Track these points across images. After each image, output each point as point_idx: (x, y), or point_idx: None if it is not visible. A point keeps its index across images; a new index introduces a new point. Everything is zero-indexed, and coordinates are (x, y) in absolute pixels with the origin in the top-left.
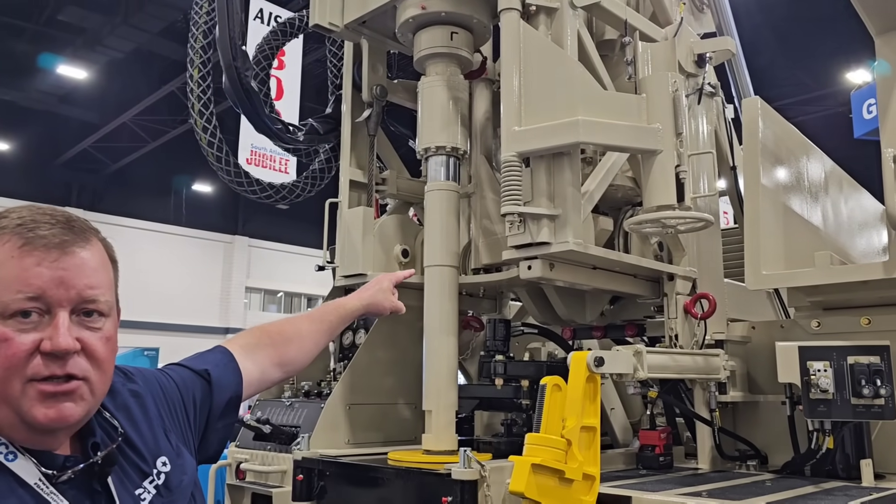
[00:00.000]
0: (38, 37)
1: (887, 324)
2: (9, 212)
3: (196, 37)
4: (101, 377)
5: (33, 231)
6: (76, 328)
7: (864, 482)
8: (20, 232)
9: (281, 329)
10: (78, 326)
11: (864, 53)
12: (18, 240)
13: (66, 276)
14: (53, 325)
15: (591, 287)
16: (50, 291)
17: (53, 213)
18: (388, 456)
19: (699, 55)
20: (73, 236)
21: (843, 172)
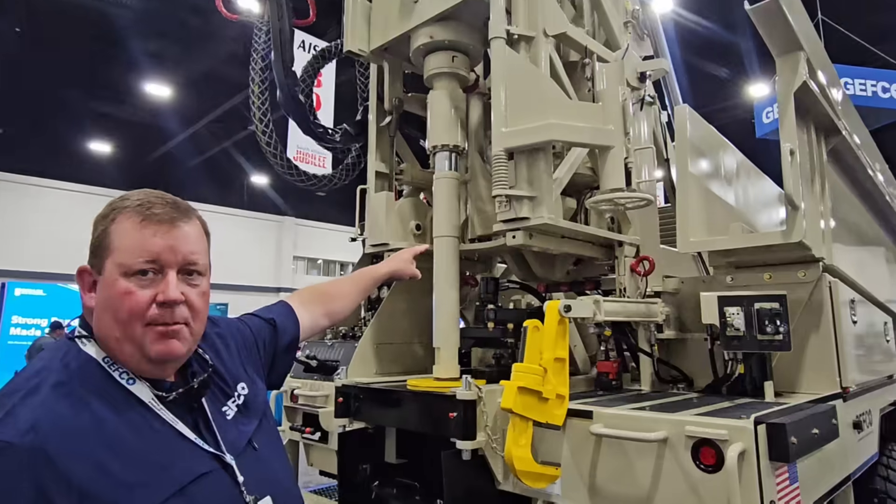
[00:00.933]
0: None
1: (784, 278)
2: (129, 195)
3: (256, 61)
4: (199, 323)
5: (150, 210)
6: (181, 284)
7: (766, 398)
8: (139, 210)
9: (328, 289)
10: (182, 283)
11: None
12: (138, 216)
13: (175, 244)
14: (165, 282)
15: (560, 251)
16: (163, 256)
17: (163, 196)
18: (406, 383)
19: (641, 73)
20: (180, 214)
21: (750, 163)
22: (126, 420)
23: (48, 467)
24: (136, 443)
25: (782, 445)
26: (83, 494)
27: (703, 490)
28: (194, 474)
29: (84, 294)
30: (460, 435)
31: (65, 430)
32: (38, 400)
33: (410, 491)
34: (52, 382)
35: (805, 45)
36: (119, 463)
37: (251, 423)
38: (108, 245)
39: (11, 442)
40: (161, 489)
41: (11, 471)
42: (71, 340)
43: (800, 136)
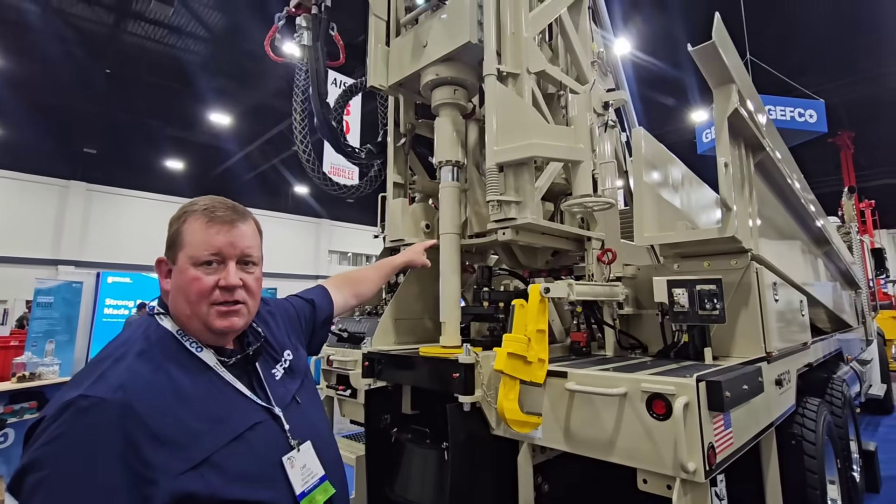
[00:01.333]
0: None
1: (720, 265)
2: (197, 200)
3: (297, 94)
4: (253, 302)
5: (213, 212)
6: (239, 272)
7: (706, 361)
8: (206, 213)
9: (356, 275)
10: (240, 271)
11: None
12: (205, 218)
13: (234, 240)
14: (226, 271)
15: (541, 245)
16: (224, 250)
17: (225, 201)
18: (419, 350)
19: (605, 102)
20: (238, 216)
21: (693, 174)
22: (195, 380)
23: (134, 418)
24: (203, 398)
25: (718, 398)
26: (161, 441)
27: (655, 434)
28: (250, 423)
29: (161, 279)
30: (462, 391)
31: (147, 388)
32: (125, 364)
33: (422, 436)
34: (136, 351)
35: (736, 79)
36: (190, 414)
37: (295, 382)
38: (181, 241)
39: (105, 398)
40: (223, 435)
41: (106, 421)
42: (150, 317)
43: (732, 151)
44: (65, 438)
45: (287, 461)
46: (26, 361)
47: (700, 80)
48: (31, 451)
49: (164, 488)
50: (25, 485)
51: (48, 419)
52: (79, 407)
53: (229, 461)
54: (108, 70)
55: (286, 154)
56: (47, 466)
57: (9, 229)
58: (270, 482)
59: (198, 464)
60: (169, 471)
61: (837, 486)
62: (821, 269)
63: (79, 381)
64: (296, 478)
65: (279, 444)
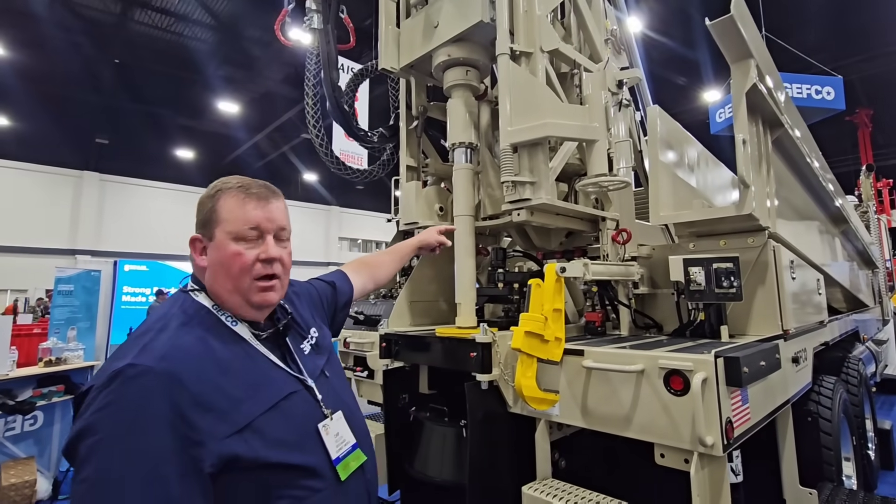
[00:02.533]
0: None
1: (736, 244)
2: (228, 179)
3: (309, 79)
4: (286, 277)
5: (248, 189)
6: (276, 247)
7: (722, 339)
8: (241, 189)
9: (373, 260)
10: (276, 246)
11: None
12: (241, 193)
13: (270, 215)
14: (266, 244)
15: (555, 226)
16: (262, 224)
17: (256, 180)
18: (435, 331)
19: (619, 81)
20: (270, 192)
21: (709, 152)
22: (232, 352)
23: (179, 386)
24: (241, 369)
25: (736, 374)
26: (205, 407)
27: (673, 409)
28: (285, 392)
29: (196, 257)
30: (479, 370)
31: (189, 358)
32: (167, 336)
33: (440, 414)
34: (177, 323)
35: (755, 54)
36: (231, 383)
37: (322, 357)
38: (217, 217)
39: (151, 367)
40: (261, 403)
41: (154, 388)
42: (184, 293)
43: (750, 128)
44: (116, 405)
45: (322, 428)
46: (52, 347)
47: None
48: (84, 418)
49: (212, 451)
50: (80, 449)
51: (98, 388)
52: (127, 375)
53: (269, 427)
54: (117, 60)
55: (295, 141)
56: (100, 431)
57: (27, 220)
58: (308, 448)
59: (241, 428)
60: (215, 434)
61: (853, 463)
62: (838, 249)
63: (124, 352)
64: (331, 444)
65: (314, 412)
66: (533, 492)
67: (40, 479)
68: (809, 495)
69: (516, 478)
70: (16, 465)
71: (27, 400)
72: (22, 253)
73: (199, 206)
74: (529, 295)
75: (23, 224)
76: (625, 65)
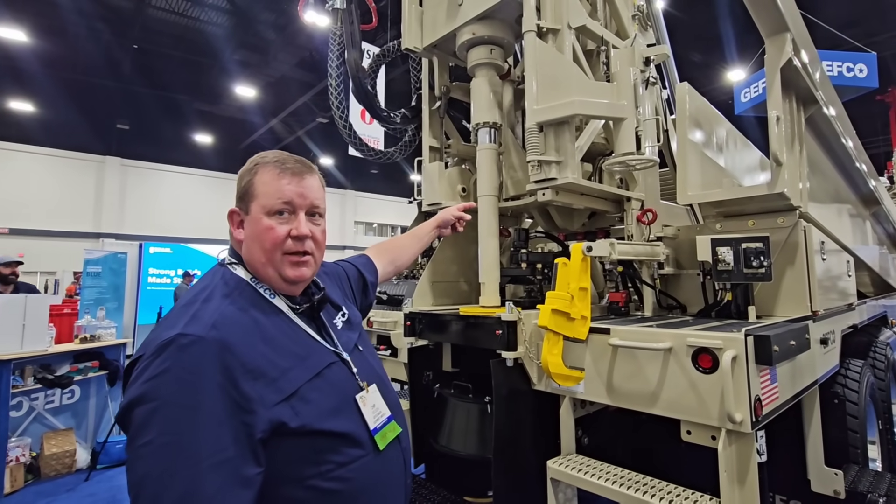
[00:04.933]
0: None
1: (766, 224)
2: (266, 154)
3: (332, 59)
4: (319, 254)
5: (284, 164)
6: (308, 224)
7: (750, 319)
8: (276, 164)
9: (392, 244)
10: (308, 223)
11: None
12: (276, 169)
13: (304, 191)
14: (297, 220)
15: (580, 206)
16: (295, 200)
17: (292, 155)
18: (459, 310)
19: (646, 58)
20: (306, 168)
21: (738, 131)
22: (273, 323)
23: (229, 353)
24: (283, 339)
25: (766, 352)
26: (255, 374)
27: (700, 387)
28: (325, 363)
29: (234, 230)
30: (504, 347)
31: (236, 327)
32: (213, 306)
33: (465, 391)
34: (220, 294)
35: (791, 27)
36: (275, 352)
37: (354, 333)
38: (253, 191)
39: (203, 335)
40: (305, 372)
41: (205, 356)
42: (223, 266)
43: (784, 105)
44: (170, 373)
45: (360, 399)
46: (85, 325)
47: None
48: (137, 385)
49: (262, 417)
50: (135, 417)
51: (149, 356)
52: (179, 344)
53: (313, 395)
54: (136, 45)
55: (311, 125)
56: (158, 398)
57: (53, 205)
58: (349, 416)
59: (288, 396)
60: (264, 402)
61: (878, 447)
62: (868, 231)
63: (172, 322)
64: (368, 415)
65: (351, 384)
66: (558, 466)
67: (79, 449)
68: (835, 476)
69: (541, 453)
70: (56, 436)
71: (65, 374)
72: (50, 236)
73: (238, 180)
74: (556, 274)
75: (50, 208)
76: (651, 41)
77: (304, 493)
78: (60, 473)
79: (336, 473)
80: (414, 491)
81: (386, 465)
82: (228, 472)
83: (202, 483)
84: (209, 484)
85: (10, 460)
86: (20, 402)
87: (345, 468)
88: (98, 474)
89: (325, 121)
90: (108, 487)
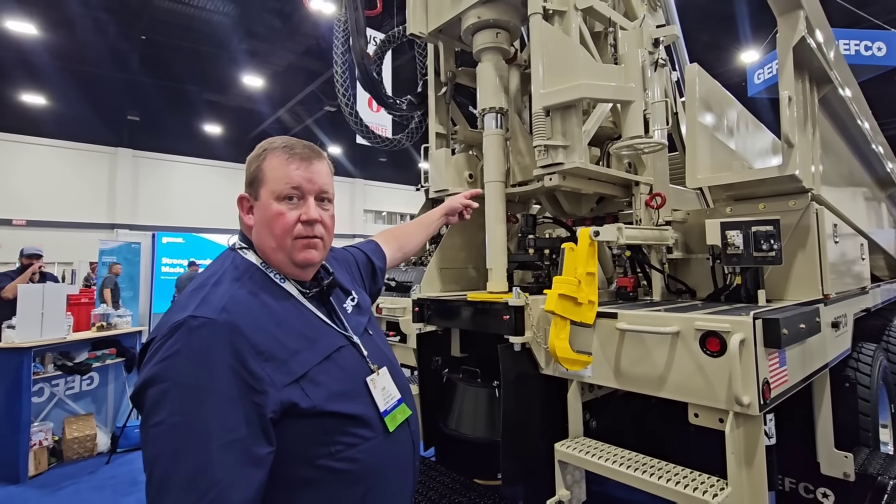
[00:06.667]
0: (231, 59)
1: (776, 207)
2: (274, 139)
3: (337, 46)
4: (328, 238)
5: (293, 150)
6: (317, 209)
7: (759, 303)
8: (285, 150)
9: (400, 231)
10: (317, 207)
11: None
12: (284, 154)
13: (312, 176)
14: (307, 205)
15: (587, 191)
16: (304, 185)
17: (301, 140)
18: (467, 296)
19: (655, 39)
20: (314, 154)
21: (748, 113)
22: (283, 306)
23: (240, 336)
24: (292, 322)
25: (775, 335)
26: (266, 356)
27: (708, 370)
28: (335, 346)
29: (244, 215)
30: (512, 332)
31: (246, 309)
32: (223, 289)
33: (473, 375)
34: (230, 278)
35: (805, 4)
36: (285, 335)
37: (364, 317)
38: (262, 177)
39: (213, 318)
40: (315, 355)
41: (216, 337)
42: (233, 251)
43: (796, 85)
44: (181, 354)
45: (370, 382)
46: (102, 313)
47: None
48: (150, 367)
49: (274, 398)
50: (147, 397)
51: (161, 338)
52: (190, 326)
53: (323, 378)
54: (144, 36)
55: (319, 114)
56: (169, 379)
57: (68, 196)
58: (359, 398)
59: (298, 378)
60: (275, 383)
61: (890, 430)
62: (883, 214)
63: (183, 305)
64: (378, 397)
65: (361, 366)
66: (566, 448)
67: (99, 433)
68: (845, 458)
69: (549, 436)
70: (77, 421)
71: (84, 362)
72: (65, 228)
73: (247, 166)
74: (563, 258)
75: (64, 200)
76: (661, 22)
77: (313, 472)
78: (82, 457)
79: (346, 454)
80: (424, 473)
81: (395, 447)
82: (239, 452)
83: (212, 463)
84: (219, 464)
85: (33, 444)
86: (41, 388)
87: (354, 449)
88: (118, 457)
89: (332, 109)
90: (129, 470)
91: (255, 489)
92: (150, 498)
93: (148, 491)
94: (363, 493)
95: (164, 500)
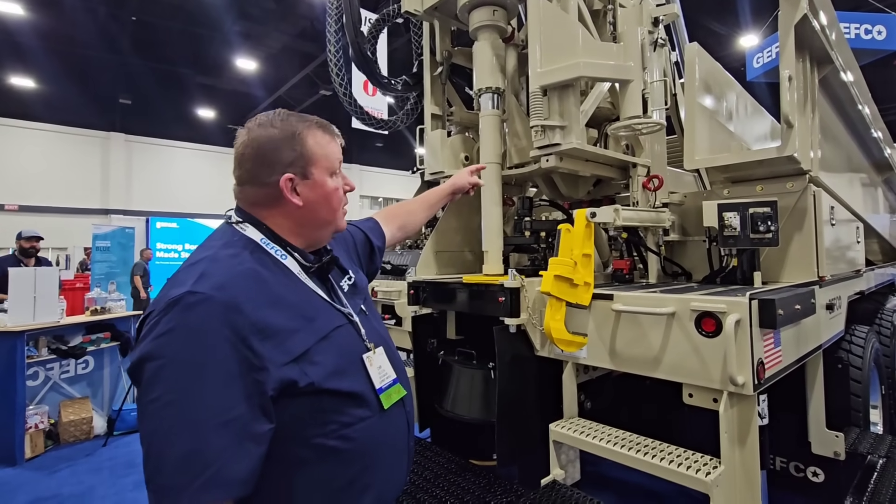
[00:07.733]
0: (224, 41)
1: (774, 189)
2: (307, 116)
3: (331, 25)
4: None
5: (327, 127)
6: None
7: (755, 285)
8: (319, 126)
9: (402, 209)
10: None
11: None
12: (322, 130)
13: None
14: (343, 176)
15: (584, 173)
16: (342, 159)
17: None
18: (462, 278)
19: (655, 18)
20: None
21: (749, 95)
22: (282, 284)
23: (238, 312)
24: (291, 300)
25: (770, 315)
26: (264, 333)
27: (703, 350)
28: (333, 325)
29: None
30: (507, 314)
31: (245, 287)
32: (220, 265)
33: (469, 357)
34: (228, 254)
35: None
36: (284, 313)
37: (360, 296)
38: (311, 156)
39: (211, 294)
40: (313, 334)
41: (214, 314)
42: (230, 226)
43: (797, 65)
44: (177, 331)
45: (366, 359)
46: (96, 297)
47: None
48: (146, 342)
49: (273, 376)
50: (145, 372)
51: (157, 313)
52: (187, 302)
53: (321, 357)
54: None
55: (314, 98)
56: (164, 356)
57: (60, 181)
58: (356, 376)
59: (296, 357)
60: (274, 361)
61: (880, 411)
62: (879, 198)
63: (181, 280)
64: (374, 375)
65: (358, 345)
66: (560, 428)
67: (96, 416)
68: (836, 438)
69: (544, 417)
70: (73, 404)
71: (78, 345)
72: (59, 213)
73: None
74: (559, 239)
75: (58, 185)
76: (661, 1)
77: (308, 451)
78: (79, 439)
79: (341, 433)
80: (420, 454)
81: (390, 427)
82: (237, 430)
83: (207, 441)
84: (214, 442)
85: (29, 427)
86: (36, 371)
87: (350, 428)
88: (115, 440)
89: (328, 94)
90: (126, 452)
91: (251, 468)
92: (148, 474)
93: (146, 466)
94: (359, 472)
95: (159, 478)
